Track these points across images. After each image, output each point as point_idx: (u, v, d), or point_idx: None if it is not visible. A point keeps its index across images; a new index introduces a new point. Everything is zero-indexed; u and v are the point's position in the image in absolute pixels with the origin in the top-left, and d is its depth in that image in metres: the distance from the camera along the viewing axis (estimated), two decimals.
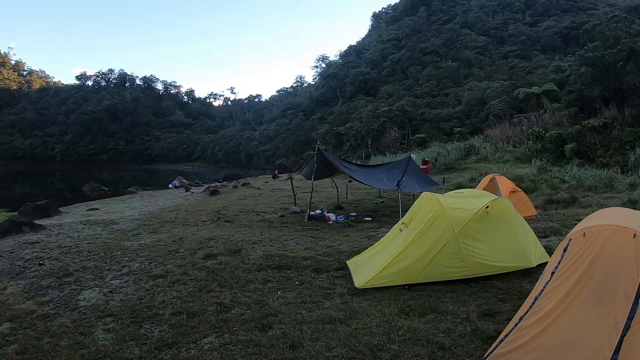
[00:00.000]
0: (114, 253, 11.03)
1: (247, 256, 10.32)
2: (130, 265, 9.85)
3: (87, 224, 15.25)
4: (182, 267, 9.58)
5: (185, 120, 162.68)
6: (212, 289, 8.03)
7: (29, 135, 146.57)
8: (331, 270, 8.94)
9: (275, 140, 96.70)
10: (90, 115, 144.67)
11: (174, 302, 7.43)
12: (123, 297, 7.79)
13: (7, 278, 9.17)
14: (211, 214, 18.32)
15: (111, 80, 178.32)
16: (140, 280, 8.72)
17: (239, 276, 8.77)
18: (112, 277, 9.01)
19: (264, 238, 12.50)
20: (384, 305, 6.85)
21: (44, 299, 7.81)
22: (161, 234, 13.74)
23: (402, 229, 8.90)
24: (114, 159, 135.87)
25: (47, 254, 10.96)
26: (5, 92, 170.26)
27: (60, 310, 7.30)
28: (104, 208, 22.07)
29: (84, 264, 10.06)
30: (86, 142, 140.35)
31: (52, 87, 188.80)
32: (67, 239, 12.71)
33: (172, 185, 40.01)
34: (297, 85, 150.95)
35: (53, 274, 9.30)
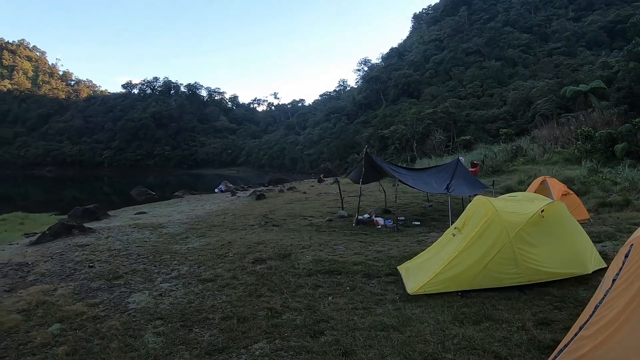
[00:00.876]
0: (163, 256, 11.19)
1: (296, 261, 10.28)
2: (179, 269, 9.97)
3: (136, 228, 15.61)
4: (231, 271, 9.62)
5: (230, 125, 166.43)
6: (262, 294, 8.02)
7: (77, 142, 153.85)
8: (382, 276, 8.84)
9: (320, 144, 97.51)
10: (136, 122, 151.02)
11: (223, 306, 7.44)
12: (173, 300, 7.87)
13: (57, 279, 9.45)
14: (258, 218, 18.39)
15: (156, 88, 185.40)
16: (190, 284, 8.80)
17: (289, 281, 8.73)
18: (161, 280, 9.15)
19: (312, 242, 12.45)
20: (437, 312, 6.73)
21: (94, 301, 7.98)
22: (209, 237, 13.86)
23: (455, 233, 8.67)
24: (160, 164, 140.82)
25: (97, 257, 11.28)
26: (54, 101, 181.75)
27: (110, 312, 7.42)
28: (151, 212, 22.56)
29: (133, 266, 10.28)
30: (133, 148, 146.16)
31: (99, 95, 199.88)
32: (116, 242, 13.05)
33: (218, 189, 40.46)
34: (340, 89, 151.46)
35: (103, 276, 9.53)
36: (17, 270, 10.57)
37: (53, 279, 9.52)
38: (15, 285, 9.34)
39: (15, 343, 6.32)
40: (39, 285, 9.13)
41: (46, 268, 10.42)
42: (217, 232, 14.91)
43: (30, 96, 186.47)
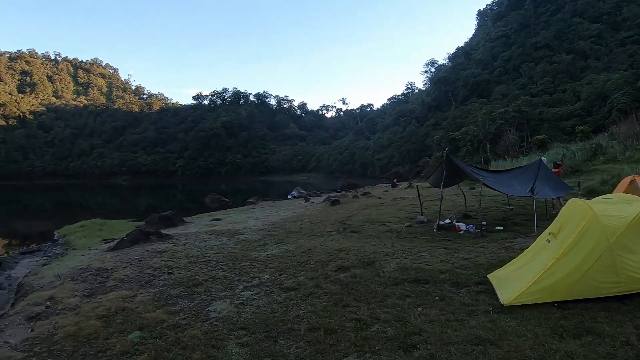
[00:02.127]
0: (242, 263, 11.04)
1: (381, 269, 9.83)
2: (260, 277, 9.76)
3: (213, 234, 15.67)
4: (314, 279, 9.31)
5: (299, 132, 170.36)
6: (349, 304, 7.64)
7: (151, 152, 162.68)
8: (471, 285, 8.43)
9: (390, 149, 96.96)
10: (207, 132, 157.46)
11: (309, 316, 7.13)
12: (255, 309, 7.64)
13: (137, 286, 9.50)
14: (335, 224, 18.07)
15: (226, 99, 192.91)
16: (272, 293, 8.55)
17: (375, 290, 8.32)
18: (242, 289, 8.95)
19: (395, 249, 11.95)
20: (535, 325, 6.27)
21: (174, 309, 7.88)
22: (288, 244, 13.63)
23: (550, 239, 8.03)
24: (232, 171, 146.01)
25: (176, 263, 11.31)
26: (128, 115, 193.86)
27: (190, 320, 7.28)
28: (226, 218, 22.78)
29: (212, 274, 10.16)
30: (205, 156, 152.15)
31: (171, 107, 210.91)
32: (194, 249, 13.08)
33: (291, 195, 40.68)
34: (408, 91, 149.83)
35: (182, 283, 9.48)
36: (97, 275, 10.78)
37: (132, 285, 9.58)
38: (95, 290, 9.47)
39: (94, 350, 6.29)
40: (118, 291, 9.20)
41: (125, 274, 10.55)
42: (295, 239, 14.67)
43: (105, 110, 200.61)
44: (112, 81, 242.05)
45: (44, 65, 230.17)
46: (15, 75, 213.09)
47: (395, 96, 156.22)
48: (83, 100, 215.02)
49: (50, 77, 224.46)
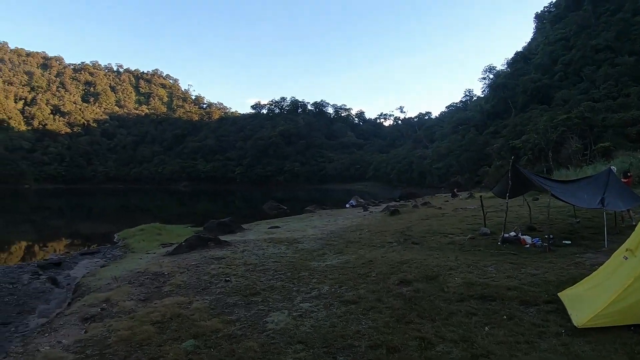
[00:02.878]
0: (301, 273, 10.73)
1: (445, 283, 9.35)
2: (319, 288, 9.42)
3: (271, 242, 15.48)
4: (375, 292, 8.90)
5: (357, 141, 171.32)
6: (412, 320, 7.22)
7: (210, 160, 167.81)
8: (540, 304, 7.89)
9: (448, 158, 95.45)
10: (266, 141, 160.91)
11: (369, 332, 6.75)
12: (314, 322, 7.31)
13: (193, 292, 9.35)
14: (396, 235, 17.57)
15: (284, 108, 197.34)
16: (332, 305, 8.19)
17: (440, 306, 7.89)
18: (301, 300, 8.64)
19: (459, 263, 11.40)
20: (610, 350, 5.83)
21: (230, 318, 7.66)
22: (347, 255, 13.25)
23: (628, 256, 7.35)
24: (290, 179, 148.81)
25: (233, 271, 11.13)
26: (188, 123, 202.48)
27: (247, 331, 7.03)
28: (284, 226, 22.66)
29: (270, 283, 9.92)
30: (263, 164, 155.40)
31: (230, 116, 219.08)
32: (252, 256, 12.91)
33: (349, 204, 40.46)
34: (466, 99, 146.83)
35: (239, 291, 9.27)
36: (153, 280, 10.76)
37: (188, 291, 9.46)
38: (151, 295, 9.42)
39: (147, 356, 6.18)
40: (174, 297, 9.09)
41: (182, 280, 10.46)
42: (354, 249, 14.28)
43: (165, 119, 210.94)
44: (172, 91, 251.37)
45: (107, 76, 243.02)
46: (80, 86, 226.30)
47: (454, 104, 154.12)
48: (144, 110, 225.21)
49: (113, 87, 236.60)
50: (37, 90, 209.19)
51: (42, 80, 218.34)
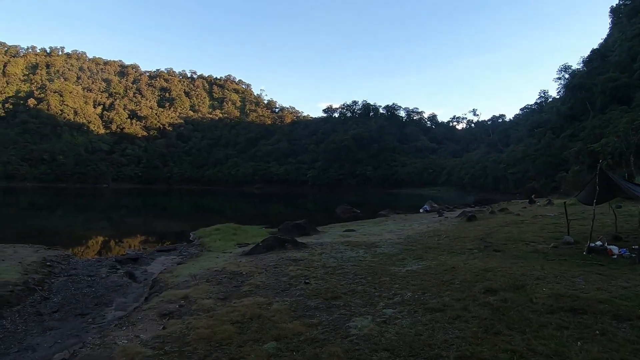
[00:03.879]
0: (382, 278, 10.38)
1: (532, 294, 8.81)
2: (402, 294, 9.03)
3: (349, 245, 15.21)
4: (460, 301, 8.46)
5: (430, 145, 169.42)
6: (500, 331, 6.81)
7: (283, 163, 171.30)
8: (634, 319, 7.36)
9: (524, 162, 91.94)
10: (338, 144, 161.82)
11: (457, 342, 6.39)
12: (399, 329, 6.96)
13: (272, 293, 9.22)
14: (475, 241, 16.90)
15: (356, 111, 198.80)
16: (416, 313, 7.80)
17: (529, 318, 7.41)
18: (384, 305, 8.28)
19: (546, 273, 10.76)
20: None
21: (312, 321, 7.43)
22: (427, 260, 12.78)
23: None
24: (362, 183, 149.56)
25: (312, 273, 10.95)
26: (261, 127, 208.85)
27: (329, 335, 6.77)
28: (359, 230, 22.39)
29: (351, 287, 9.62)
30: (335, 168, 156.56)
31: (302, 120, 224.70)
32: (330, 259, 12.70)
33: (423, 209, 39.91)
34: (541, 100, 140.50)
35: (320, 294, 9.04)
36: (231, 279, 10.74)
37: (268, 292, 9.33)
38: (230, 294, 9.35)
39: (227, 357, 6.10)
40: (253, 297, 8.98)
41: (260, 280, 10.36)
42: (434, 255, 13.79)
43: (239, 123, 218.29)
44: (245, 96, 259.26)
45: (181, 82, 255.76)
46: (155, 92, 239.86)
47: (528, 106, 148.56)
48: (218, 114, 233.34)
49: (188, 92, 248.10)
50: (115, 96, 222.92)
51: (119, 86, 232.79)
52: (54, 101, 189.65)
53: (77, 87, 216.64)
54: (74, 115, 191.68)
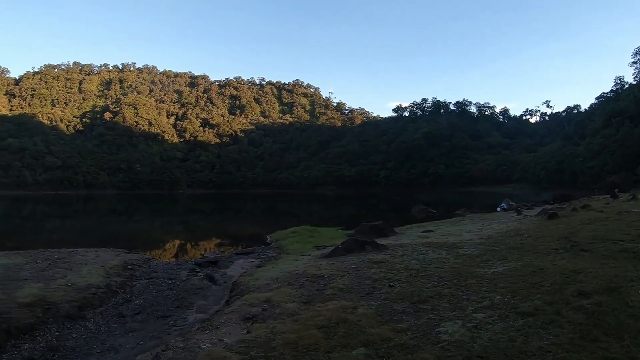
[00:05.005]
0: (468, 281, 9.98)
1: (628, 297, 8.13)
2: (491, 297, 8.61)
3: (430, 247, 14.80)
4: (552, 304, 7.97)
5: (502, 140, 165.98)
6: (597, 338, 6.35)
7: (355, 164, 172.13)
8: None
9: (602, 155, 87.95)
10: (409, 143, 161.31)
11: (554, 349, 6.03)
12: (491, 335, 6.62)
13: (356, 296, 9.03)
14: (560, 240, 16.02)
15: (426, 109, 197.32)
16: (507, 317, 7.40)
17: (626, 323, 6.84)
18: (473, 309, 7.92)
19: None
20: None
21: (400, 326, 7.18)
22: (512, 261, 12.22)
23: None
24: (434, 182, 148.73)
25: (395, 275, 10.66)
26: (331, 129, 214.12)
27: (419, 341, 6.53)
28: (437, 230, 21.93)
29: (437, 290, 9.28)
30: (407, 167, 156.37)
31: (372, 121, 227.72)
32: (412, 261, 12.37)
33: (500, 207, 38.86)
34: (617, 87, 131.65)
35: (406, 297, 8.76)
36: (313, 282, 10.67)
37: (352, 295, 9.15)
38: (313, 297, 9.26)
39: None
40: (337, 300, 8.82)
41: (343, 283, 10.20)
42: (518, 256, 13.19)
43: (309, 126, 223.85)
44: (314, 99, 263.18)
45: (251, 89, 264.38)
46: (226, 100, 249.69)
47: (604, 94, 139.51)
48: (288, 118, 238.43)
49: (257, 99, 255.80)
50: (187, 106, 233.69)
51: (190, 97, 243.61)
52: (129, 114, 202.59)
53: (150, 99, 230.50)
54: (149, 126, 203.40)
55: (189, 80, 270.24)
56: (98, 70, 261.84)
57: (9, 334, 8.85)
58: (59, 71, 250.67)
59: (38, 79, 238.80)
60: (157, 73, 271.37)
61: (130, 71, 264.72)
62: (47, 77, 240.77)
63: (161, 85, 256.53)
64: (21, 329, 9.17)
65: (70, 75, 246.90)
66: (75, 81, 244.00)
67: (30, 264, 14.83)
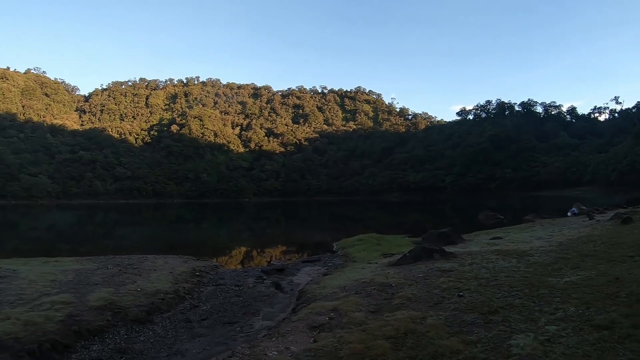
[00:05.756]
0: (540, 291, 9.59)
1: None
2: (564, 308, 8.24)
3: (499, 254, 14.31)
4: (629, 317, 7.48)
5: (571, 141, 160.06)
6: None
7: (419, 170, 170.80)
8: None
9: None
10: (475, 147, 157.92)
11: None
12: (564, 349, 6.33)
13: (425, 306, 8.89)
14: (636, 247, 15.13)
15: (490, 111, 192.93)
16: (582, 330, 7.04)
17: None
18: (545, 322, 7.59)
19: None
20: None
21: (470, 338, 6.98)
22: (586, 270, 11.69)
23: None
24: (501, 186, 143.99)
25: (465, 285, 10.40)
26: (395, 135, 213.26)
27: (489, 354, 6.32)
28: (506, 237, 21.29)
29: (508, 300, 8.95)
30: (473, 172, 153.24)
31: (436, 125, 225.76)
32: (482, 270, 12.02)
33: (571, 212, 37.37)
34: None
35: (475, 308, 8.51)
36: (381, 291, 10.58)
37: (420, 305, 9.00)
38: (380, 307, 9.17)
39: None
40: (405, 310, 8.70)
41: (411, 292, 10.05)
42: (592, 264, 12.60)
43: (372, 133, 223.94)
44: (377, 105, 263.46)
45: (313, 98, 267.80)
46: (289, 109, 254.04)
47: None
48: (352, 125, 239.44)
49: (320, 107, 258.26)
50: (251, 116, 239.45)
51: (254, 107, 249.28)
52: (195, 125, 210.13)
53: (215, 111, 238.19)
54: (214, 137, 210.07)
55: (252, 92, 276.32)
56: (163, 85, 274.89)
57: (79, 335, 9.26)
58: (126, 87, 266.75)
59: (107, 95, 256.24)
60: (220, 85, 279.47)
61: (195, 85, 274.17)
62: (115, 93, 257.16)
63: (225, 97, 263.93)
64: (91, 330, 9.58)
65: (137, 91, 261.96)
66: (142, 96, 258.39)
67: (101, 270, 15.52)
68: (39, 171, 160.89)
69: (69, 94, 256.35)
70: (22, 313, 9.48)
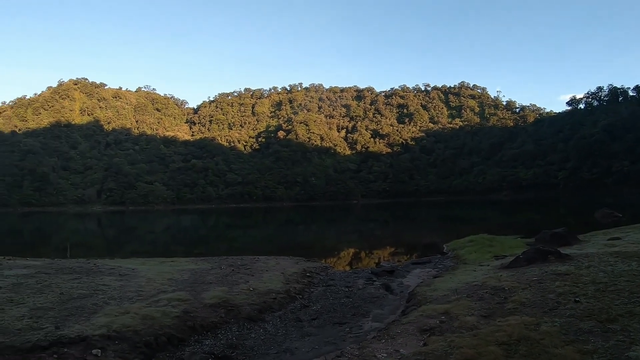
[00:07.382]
0: None
1: None
2: None
3: (618, 257, 13.01)
4: None
5: None
6: None
7: (530, 166, 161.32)
8: None
9: None
10: (588, 139, 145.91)
11: None
12: None
13: (539, 312, 8.47)
14: None
15: (602, 98, 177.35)
16: None
17: None
18: None
19: None
20: None
21: (586, 347, 6.60)
22: None
23: None
24: (619, 181, 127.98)
25: (581, 290, 9.67)
26: (503, 130, 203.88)
27: None
28: (626, 238, 19.60)
29: (627, 307, 8.19)
30: (587, 166, 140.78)
31: (546, 117, 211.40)
32: (600, 273, 11.04)
33: None
34: None
35: (593, 315, 7.95)
36: (493, 295, 10.28)
37: (534, 310, 8.61)
38: (493, 311, 8.94)
39: None
40: (518, 315, 8.38)
41: (525, 297, 9.61)
42: None
43: (480, 129, 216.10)
44: (482, 100, 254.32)
45: (417, 96, 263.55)
46: (393, 109, 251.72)
47: None
48: (458, 122, 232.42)
49: (424, 105, 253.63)
50: (356, 119, 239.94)
51: (358, 109, 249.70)
52: (301, 130, 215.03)
53: (320, 115, 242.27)
54: (321, 141, 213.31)
55: (355, 94, 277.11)
56: (268, 93, 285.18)
57: (193, 330, 9.84)
58: (232, 98, 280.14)
59: (214, 106, 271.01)
60: (323, 90, 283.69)
61: (298, 91, 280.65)
62: (222, 104, 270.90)
63: (329, 101, 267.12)
64: (205, 326, 10.14)
65: (243, 101, 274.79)
66: (248, 105, 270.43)
67: (215, 269, 16.32)
68: (155, 179, 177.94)
69: (178, 107, 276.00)
70: (140, 308, 10.17)
